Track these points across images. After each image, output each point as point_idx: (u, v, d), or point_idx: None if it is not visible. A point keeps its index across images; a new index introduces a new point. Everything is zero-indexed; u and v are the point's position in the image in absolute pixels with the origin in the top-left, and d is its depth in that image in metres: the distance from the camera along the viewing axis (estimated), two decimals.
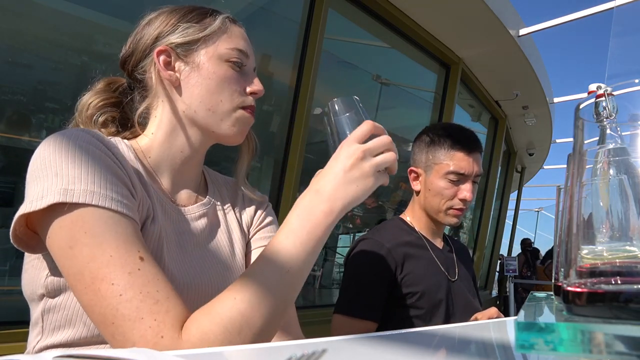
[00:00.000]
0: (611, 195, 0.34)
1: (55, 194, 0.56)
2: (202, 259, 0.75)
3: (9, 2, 1.83)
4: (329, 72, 3.18)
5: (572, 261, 0.34)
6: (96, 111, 0.77)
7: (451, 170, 1.29)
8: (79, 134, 0.63)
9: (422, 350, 0.52)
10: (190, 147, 0.78)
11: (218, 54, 0.76)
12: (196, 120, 0.76)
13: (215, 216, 0.83)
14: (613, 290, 0.31)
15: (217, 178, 0.91)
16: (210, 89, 0.75)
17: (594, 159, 0.36)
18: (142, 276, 0.56)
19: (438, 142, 1.32)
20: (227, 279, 0.76)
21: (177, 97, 0.76)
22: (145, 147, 0.76)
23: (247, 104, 0.78)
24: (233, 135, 0.78)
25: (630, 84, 0.34)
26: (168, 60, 0.76)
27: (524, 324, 0.30)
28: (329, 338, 0.54)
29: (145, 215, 0.67)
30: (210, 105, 0.75)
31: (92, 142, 0.62)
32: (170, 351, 0.44)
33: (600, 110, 0.36)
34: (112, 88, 0.81)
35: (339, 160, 0.65)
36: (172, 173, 0.78)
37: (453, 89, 4.08)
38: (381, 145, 0.66)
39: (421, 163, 1.36)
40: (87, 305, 0.56)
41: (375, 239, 1.28)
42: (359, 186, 0.64)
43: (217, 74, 0.75)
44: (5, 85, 1.89)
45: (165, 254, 0.68)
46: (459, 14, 3.42)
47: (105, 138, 0.67)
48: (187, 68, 0.75)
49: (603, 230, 0.34)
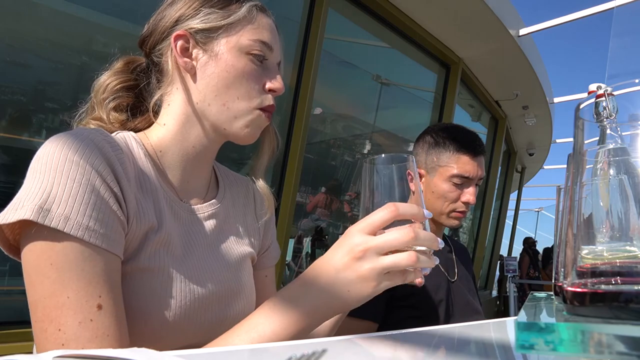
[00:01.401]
0: (611, 195, 0.34)
1: (31, 209, 0.52)
2: (210, 261, 0.72)
3: (9, 2, 1.83)
4: (329, 72, 3.18)
5: (572, 261, 0.34)
6: (110, 94, 0.74)
7: (456, 174, 1.28)
8: (83, 139, 0.58)
9: (422, 350, 0.52)
10: (202, 142, 0.74)
11: (239, 45, 0.70)
12: (209, 115, 0.71)
13: (225, 216, 0.79)
14: (613, 290, 0.31)
15: (228, 175, 0.87)
16: (227, 82, 0.70)
17: (594, 159, 0.36)
18: (91, 329, 0.52)
19: (443, 145, 1.31)
20: (235, 281, 0.74)
21: (192, 86, 0.71)
22: (156, 141, 0.72)
23: (266, 103, 0.73)
24: (244, 137, 0.73)
25: (630, 84, 0.34)
26: (186, 46, 0.71)
27: (524, 324, 0.30)
28: (329, 338, 0.54)
29: (147, 227, 0.63)
30: (225, 100, 0.70)
31: (92, 152, 0.58)
32: (170, 351, 0.44)
33: (600, 110, 0.36)
34: (130, 68, 0.77)
35: (336, 253, 0.55)
36: (183, 169, 0.74)
37: (453, 89, 4.08)
38: (397, 243, 0.53)
39: (425, 165, 1.34)
40: (34, 334, 0.54)
41: None
42: (350, 292, 0.54)
43: (236, 67, 0.70)
44: (5, 85, 1.89)
45: (170, 258, 0.65)
46: (459, 14, 3.42)
47: (114, 141, 0.63)
48: (204, 57, 0.70)
49: (603, 230, 0.34)
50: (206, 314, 0.67)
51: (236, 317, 0.71)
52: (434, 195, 1.31)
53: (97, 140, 0.60)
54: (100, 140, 0.60)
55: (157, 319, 0.61)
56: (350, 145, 4.11)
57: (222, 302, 0.71)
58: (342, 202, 3.92)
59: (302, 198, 3.46)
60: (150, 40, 0.74)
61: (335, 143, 3.93)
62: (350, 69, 3.69)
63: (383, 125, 4.19)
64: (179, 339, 0.64)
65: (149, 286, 0.62)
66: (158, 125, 0.73)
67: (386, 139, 4.38)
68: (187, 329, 0.65)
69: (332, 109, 3.69)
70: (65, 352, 0.33)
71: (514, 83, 4.73)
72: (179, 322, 0.63)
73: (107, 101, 0.73)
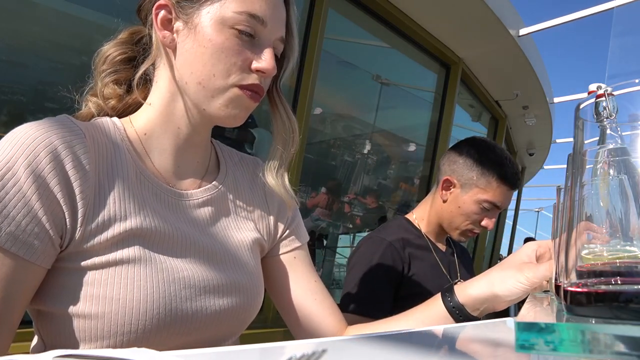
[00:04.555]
0: (611, 195, 0.34)
1: None
2: (203, 250, 0.66)
3: (9, 2, 1.83)
4: (329, 72, 3.18)
5: (572, 261, 0.34)
6: (110, 67, 0.70)
7: (489, 200, 1.27)
8: (31, 136, 0.55)
9: (422, 350, 0.52)
10: (187, 124, 0.68)
11: (221, 17, 0.62)
12: (189, 94, 0.65)
13: (224, 202, 0.73)
14: (613, 290, 0.31)
15: (233, 156, 0.81)
16: (204, 58, 0.62)
17: (594, 159, 0.36)
18: None
19: (488, 168, 1.28)
20: (233, 273, 0.69)
21: (174, 62, 0.65)
22: (141, 125, 0.68)
23: (247, 82, 0.64)
24: (225, 117, 0.66)
25: (630, 84, 0.34)
26: (168, 17, 0.64)
27: (524, 324, 0.30)
28: (329, 338, 0.54)
29: (111, 217, 0.59)
30: (201, 78, 0.63)
31: (36, 153, 0.54)
32: (171, 351, 0.44)
33: (600, 110, 0.36)
34: (134, 39, 0.72)
35: None
36: (172, 153, 0.69)
37: (453, 89, 4.08)
38: None
39: (462, 177, 1.31)
40: None
41: (382, 237, 1.28)
42: None
43: (214, 41, 0.62)
44: (6, 85, 1.89)
45: (144, 248, 0.60)
46: (459, 14, 3.42)
47: (74, 130, 0.58)
48: (185, 29, 0.63)
49: (603, 230, 0.34)
50: (192, 306, 0.62)
51: (235, 308, 0.68)
52: (459, 211, 1.30)
53: (51, 135, 0.56)
54: (51, 132, 0.57)
55: (134, 311, 0.57)
56: (350, 145, 4.11)
57: (214, 291, 0.65)
58: (342, 202, 3.92)
59: (302, 198, 3.46)
60: (143, 9, 0.69)
61: (335, 143, 3.92)
62: (350, 69, 3.69)
63: (383, 125, 4.19)
64: (166, 335, 0.60)
65: (120, 277, 0.58)
66: (145, 105, 0.69)
67: (386, 139, 4.38)
68: (172, 323, 0.60)
69: (332, 109, 3.69)
70: (65, 352, 0.33)
71: (514, 83, 4.73)
72: (160, 314, 0.59)
73: (105, 74, 0.70)
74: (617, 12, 3.24)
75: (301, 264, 0.82)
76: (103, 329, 0.57)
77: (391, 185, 4.50)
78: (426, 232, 1.37)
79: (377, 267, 1.24)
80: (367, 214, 4.14)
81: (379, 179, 4.37)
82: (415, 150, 4.42)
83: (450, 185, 1.34)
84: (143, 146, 0.67)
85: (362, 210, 4.12)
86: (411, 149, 4.46)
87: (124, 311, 0.57)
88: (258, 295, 0.73)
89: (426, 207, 1.40)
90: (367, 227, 4.10)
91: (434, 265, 1.31)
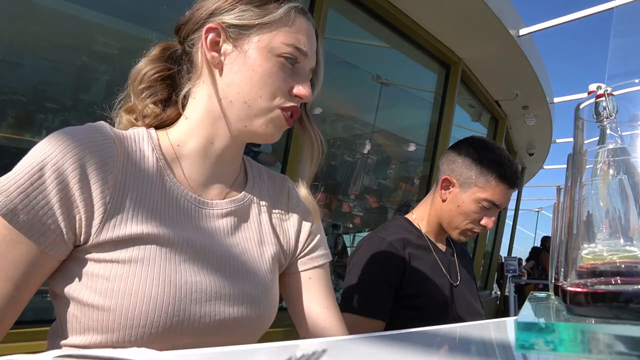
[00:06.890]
0: (611, 195, 0.34)
1: None
2: (218, 259, 0.69)
3: (9, 2, 1.83)
4: (329, 72, 3.17)
5: (572, 261, 0.34)
6: (148, 84, 0.74)
7: (488, 199, 1.27)
8: (66, 141, 0.61)
9: (423, 350, 0.52)
10: (222, 140, 0.73)
11: (271, 46, 0.69)
12: (231, 112, 0.71)
13: (247, 215, 0.76)
14: (613, 290, 0.31)
15: (262, 173, 0.85)
16: (252, 81, 0.69)
17: (594, 159, 0.36)
18: None
19: (487, 166, 1.28)
20: (248, 284, 0.70)
21: (218, 81, 0.71)
22: (176, 136, 0.72)
23: (287, 105, 0.71)
24: (263, 135, 0.72)
25: (630, 84, 0.34)
26: (217, 40, 0.70)
27: (524, 324, 0.30)
28: (329, 338, 0.54)
29: (129, 219, 0.63)
30: (247, 98, 0.70)
31: (65, 158, 0.60)
32: (171, 351, 0.44)
33: (600, 110, 0.36)
34: (165, 55, 0.76)
35: None
36: (203, 164, 0.73)
37: (453, 89, 4.08)
38: None
39: (461, 177, 1.31)
40: None
41: (382, 237, 1.28)
42: None
43: (263, 67, 0.69)
44: (5, 85, 1.89)
45: (160, 251, 0.63)
46: (459, 14, 3.42)
47: (105, 135, 0.64)
48: (234, 53, 0.70)
49: (603, 230, 0.34)
50: (201, 309, 0.64)
51: (245, 318, 0.69)
52: (458, 210, 1.30)
53: (80, 140, 0.62)
54: (83, 136, 0.63)
55: (144, 306, 0.60)
56: (350, 145, 4.11)
57: (223, 299, 0.67)
58: (341, 202, 3.92)
59: None
60: (185, 29, 0.74)
61: (335, 143, 3.92)
62: (350, 69, 3.69)
63: (383, 125, 4.18)
64: (174, 335, 0.62)
65: (131, 274, 0.61)
66: (183, 117, 0.74)
67: (386, 139, 4.38)
68: (180, 323, 0.62)
69: (332, 109, 3.69)
70: (65, 352, 0.33)
71: (514, 83, 4.73)
72: (168, 313, 0.61)
73: (145, 94, 0.74)
74: (617, 12, 3.24)
75: (317, 284, 0.83)
76: (114, 321, 0.60)
77: (391, 185, 4.50)
78: (426, 232, 1.37)
79: (377, 267, 1.24)
80: (367, 214, 4.14)
81: (379, 179, 4.37)
82: (415, 150, 4.42)
83: (449, 184, 1.33)
84: (175, 155, 0.72)
85: (363, 210, 4.12)
86: (411, 149, 4.46)
87: (134, 306, 0.60)
88: (271, 308, 0.74)
89: (426, 207, 1.40)
90: (367, 227, 4.10)
91: (434, 265, 1.31)
